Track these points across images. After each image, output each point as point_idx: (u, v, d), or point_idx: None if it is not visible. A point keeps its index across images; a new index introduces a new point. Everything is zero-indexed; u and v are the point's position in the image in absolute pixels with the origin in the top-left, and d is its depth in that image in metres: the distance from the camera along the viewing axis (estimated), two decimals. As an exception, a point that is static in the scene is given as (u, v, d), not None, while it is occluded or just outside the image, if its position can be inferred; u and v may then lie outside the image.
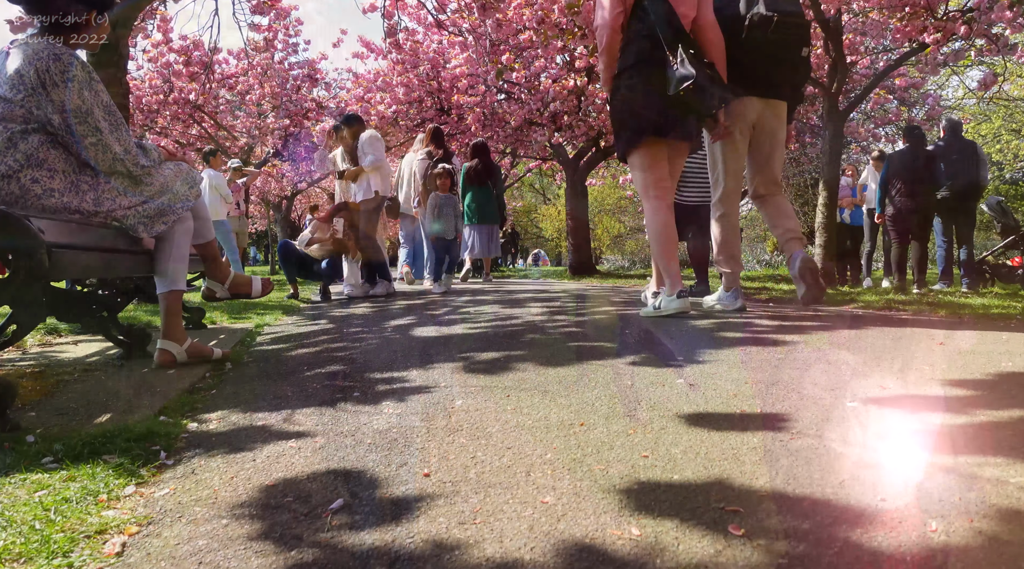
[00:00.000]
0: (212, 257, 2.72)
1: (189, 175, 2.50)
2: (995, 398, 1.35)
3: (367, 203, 6.03)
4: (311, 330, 3.36)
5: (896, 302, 4.27)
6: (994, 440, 1.09)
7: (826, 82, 7.14)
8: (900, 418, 1.22)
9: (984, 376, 1.56)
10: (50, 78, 2.08)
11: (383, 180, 6.05)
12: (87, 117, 2.13)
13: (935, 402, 1.32)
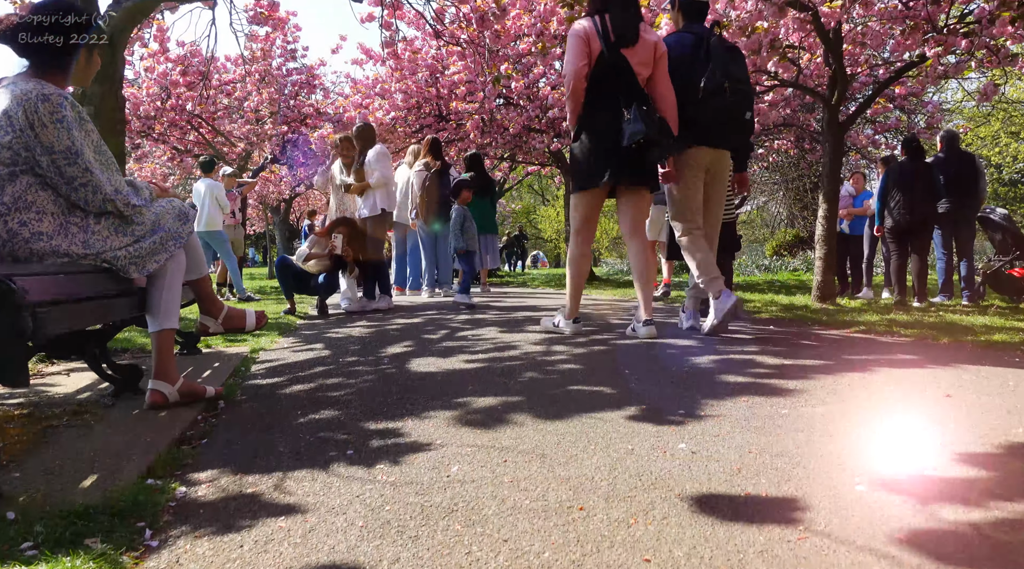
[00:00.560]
0: (205, 292, 2.67)
1: (182, 211, 2.46)
2: (1012, 483, 1.31)
3: (374, 221, 6.00)
4: (306, 358, 3.32)
5: (897, 324, 4.24)
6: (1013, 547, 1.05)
7: (826, 93, 7.10)
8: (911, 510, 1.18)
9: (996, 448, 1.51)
10: (39, 119, 2.04)
11: (389, 197, 6.03)
12: (77, 158, 2.09)
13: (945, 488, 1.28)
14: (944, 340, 3.46)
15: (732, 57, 3.63)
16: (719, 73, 3.43)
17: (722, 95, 3.44)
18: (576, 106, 3.53)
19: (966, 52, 5.93)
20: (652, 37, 3.47)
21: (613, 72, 3.39)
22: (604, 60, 3.39)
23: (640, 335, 3.42)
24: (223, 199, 8.28)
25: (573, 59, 3.43)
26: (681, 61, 3.56)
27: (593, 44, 3.41)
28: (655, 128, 3.24)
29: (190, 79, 9.28)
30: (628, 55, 3.40)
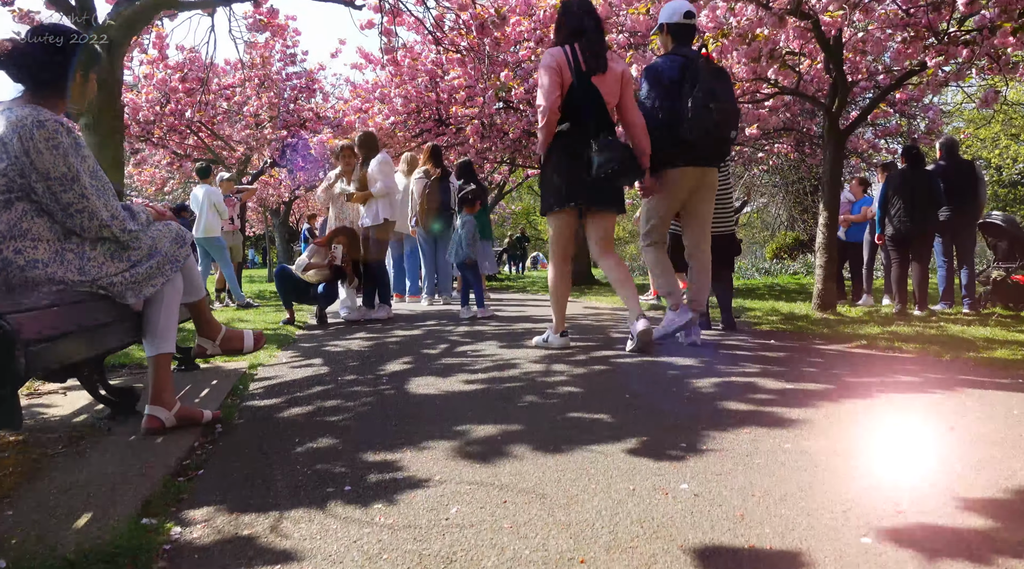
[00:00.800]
0: (203, 314, 2.65)
1: (178, 235, 2.44)
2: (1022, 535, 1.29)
3: (377, 230, 5.98)
4: (305, 376, 3.29)
5: (899, 337, 4.22)
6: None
7: (826, 101, 7.09)
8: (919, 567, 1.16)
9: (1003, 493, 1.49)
10: (34, 146, 2.02)
11: (392, 206, 6.01)
12: (73, 184, 2.07)
13: (954, 541, 1.26)
14: (946, 357, 3.44)
15: (718, 79, 3.72)
16: (705, 95, 3.56)
17: (708, 115, 3.55)
18: (549, 135, 3.64)
19: (967, 61, 5.92)
20: (619, 66, 3.62)
21: (584, 100, 3.53)
22: (575, 89, 3.52)
23: (638, 329, 3.50)
24: (221, 205, 8.26)
25: (547, 91, 3.53)
26: (670, 83, 3.70)
27: (565, 74, 3.52)
28: (621, 158, 3.40)
29: (189, 86, 9.25)
30: (598, 83, 3.54)
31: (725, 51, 6.34)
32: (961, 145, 18.88)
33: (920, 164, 6.90)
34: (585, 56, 3.50)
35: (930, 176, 6.79)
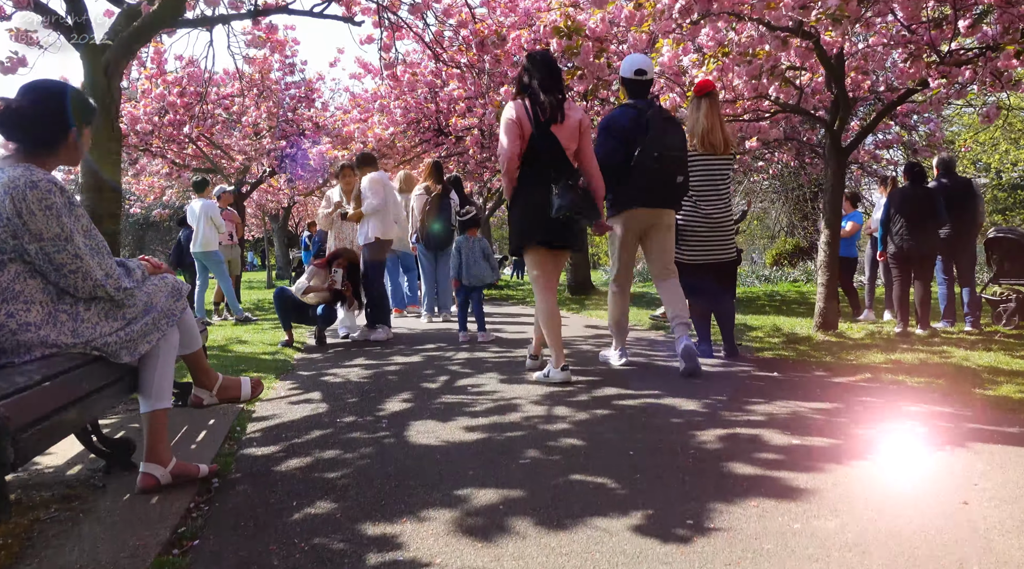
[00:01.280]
0: (200, 365, 2.61)
1: (175, 288, 2.40)
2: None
3: (370, 249, 5.95)
4: (303, 415, 3.25)
5: (902, 368, 4.19)
6: None
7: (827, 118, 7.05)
8: None
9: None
10: (27, 207, 1.98)
11: (383, 224, 5.96)
12: (66, 244, 2.03)
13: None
14: (952, 396, 3.41)
15: (668, 129, 4.12)
16: (655, 143, 3.96)
17: (658, 162, 3.95)
18: (511, 183, 3.94)
19: (970, 82, 5.89)
20: (576, 114, 3.88)
21: (544, 148, 3.78)
22: (535, 139, 3.77)
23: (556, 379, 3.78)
24: (218, 219, 8.22)
25: (507, 143, 3.81)
26: (624, 131, 4.06)
27: (524, 126, 3.77)
28: (579, 201, 3.69)
29: (187, 100, 9.21)
30: (556, 132, 3.78)
31: (727, 69, 6.30)
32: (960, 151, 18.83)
33: (922, 181, 6.87)
34: (544, 108, 3.75)
35: (932, 194, 6.76)
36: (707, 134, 4.57)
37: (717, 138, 4.59)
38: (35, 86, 2.13)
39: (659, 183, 4.07)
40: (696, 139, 4.62)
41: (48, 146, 2.13)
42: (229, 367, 4.66)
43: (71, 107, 2.15)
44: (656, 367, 4.36)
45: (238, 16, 6.28)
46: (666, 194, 4.18)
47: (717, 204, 4.67)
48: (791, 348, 5.20)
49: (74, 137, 2.17)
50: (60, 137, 2.14)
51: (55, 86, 2.16)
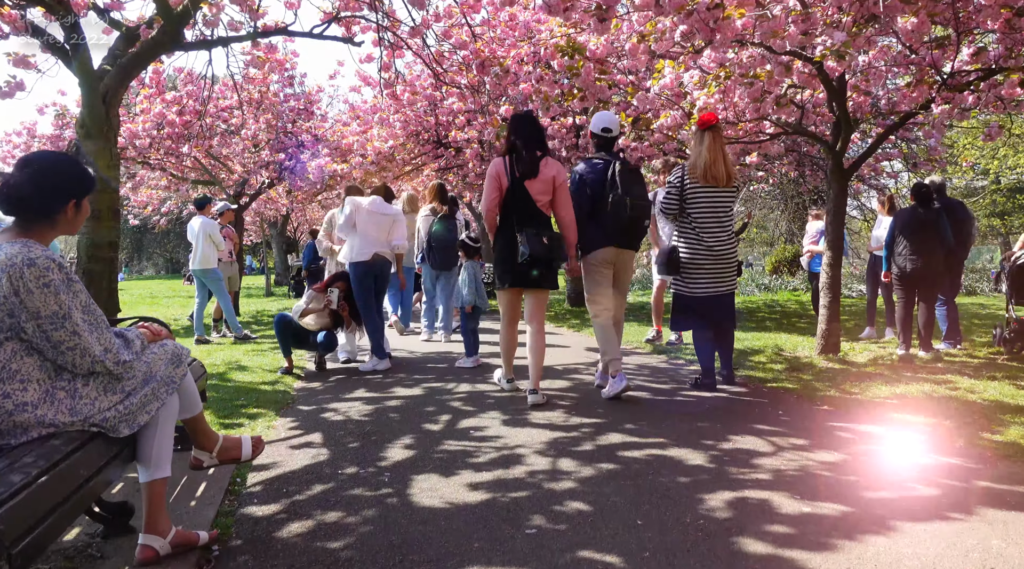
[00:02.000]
0: (200, 428, 2.57)
1: (175, 354, 2.36)
2: None
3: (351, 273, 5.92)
4: (304, 465, 3.21)
5: (907, 405, 4.16)
6: None
7: (830, 139, 7.02)
8: None
9: None
10: (24, 286, 1.94)
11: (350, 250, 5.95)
12: (64, 322, 1.99)
13: None
14: (960, 442, 3.38)
15: (632, 179, 4.59)
16: (621, 192, 4.45)
17: (624, 209, 4.45)
18: (491, 227, 4.56)
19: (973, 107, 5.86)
20: (550, 171, 4.41)
21: (516, 200, 4.37)
22: (511, 191, 4.38)
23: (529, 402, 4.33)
24: (216, 236, 8.19)
25: (487, 193, 4.47)
26: (593, 182, 4.55)
27: (503, 180, 4.40)
28: (541, 248, 4.23)
29: (187, 118, 9.17)
30: (528, 186, 4.35)
31: (728, 91, 6.28)
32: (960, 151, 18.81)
33: (929, 202, 6.85)
34: (519, 164, 4.34)
35: (939, 216, 6.74)
36: (710, 167, 4.57)
37: (720, 171, 4.59)
38: (33, 160, 2.09)
39: (628, 226, 4.56)
40: (699, 172, 4.61)
41: (47, 219, 2.10)
42: (228, 401, 4.62)
43: (70, 180, 2.11)
44: (659, 404, 4.32)
45: (238, 38, 6.25)
46: (632, 236, 4.69)
47: (720, 236, 4.65)
48: (794, 377, 5.17)
49: (73, 209, 2.13)
50: (59, 210, 2.10)
51: (54, 159, 2.13)
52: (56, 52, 5.57)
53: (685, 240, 4.72)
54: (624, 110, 7.73)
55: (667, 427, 3.66)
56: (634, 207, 4.50)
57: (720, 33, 4.75)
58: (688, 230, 4.72)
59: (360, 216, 5.79)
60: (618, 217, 4.48)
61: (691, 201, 4.67)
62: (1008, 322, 6.82)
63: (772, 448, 3.26)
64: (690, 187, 4.67)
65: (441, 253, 7.42)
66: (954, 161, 18.09)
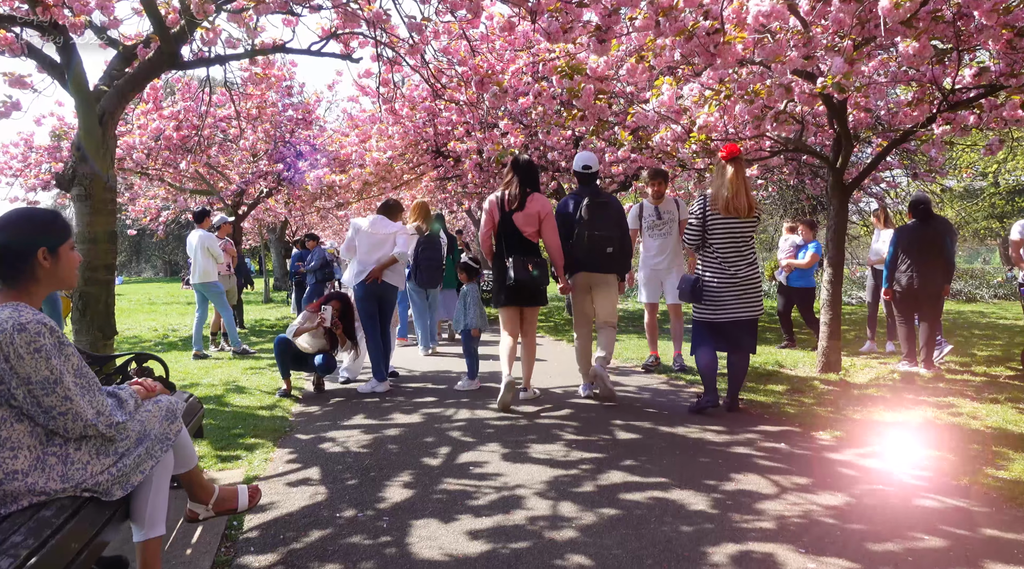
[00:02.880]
0: (196, 481, 2.53)
1: (170, 410, 2.32)
2: None
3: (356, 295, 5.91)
4: (302, 505, 3.17)
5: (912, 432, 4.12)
6: None
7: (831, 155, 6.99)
8: None
9: None
10: (14, 351, 1.90)
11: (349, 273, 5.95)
12: (55, 387, 1.96)
13: None
14: (964, 481, 3.35)
15: (599, 212, 5.14)
16: (585, 226, 5.07)
17: (590, 241, 5.07)
18: (488, 254, 5.33)
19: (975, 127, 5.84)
20: (535, 205, 5.06)
21: (505, 231, 5.10)
22: (501, 223, 5.11)
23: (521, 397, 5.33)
24: (215, 249, 8.15)
25: (483, 226, 5.29)
26: (567, 217, 5.23)
27: (495, 214, 5.15)
28: (525, 273, 4.93)
29: (184, 133, 9.12)
30: (516, 219, 5.04)
31: (728, 110, 6.24)
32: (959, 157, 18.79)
33: (928, 218, 6.83)
34: (509, 200, 5.06)
35: (939, 233, 6.72)
36: (731, 200, 4.63)
37: (741, 203, 4.64)
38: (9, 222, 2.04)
39: (594, 254, 5.15)
40: (720, 204, 4.65)
41: (24, 274, 2.04)
42: (225, 429, 4.58)
43: (33, 230, 2.05)
44: (659, 434, 4.29)
45: (235, 56, 6.20)
46: (601, 261, 5.20)
47: (741, 264, 4.71)
48: (795, 401, 5.14)
49: (47, 258, 2.07)
50: (30, 261, 2.04)
51: (18, 213, 2.07)
52: (52, 72, 5.52)
53: (709, 268, 4.76)
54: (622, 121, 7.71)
55: (668, 464, 3.62)
56: (592, 238, 5.09)
57: (720, 57, 4.71)
58: (711, 259, 4.75)
59: (360, 238, 5.77)
60: (586, 248, 5.12)
61: (712, 232, 4.71)
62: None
63: (775, 489, 3.22)
64: (711, 218, 4.69)
65: (426, 272, 7.61)
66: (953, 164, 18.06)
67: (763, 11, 4.07)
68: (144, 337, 10.72)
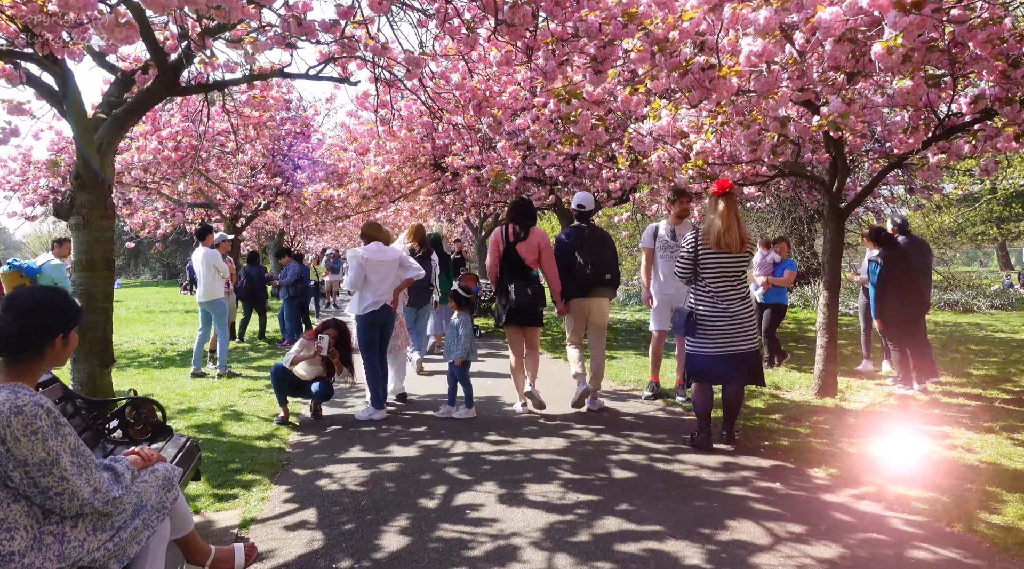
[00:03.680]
0: (192, 545, 2.56)
1: (166, 478, 2.34)
2: None
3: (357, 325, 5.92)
4: (299, 553, 3.19)
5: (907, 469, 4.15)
6: None
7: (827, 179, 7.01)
8: None
9: None
10: (11, 434, 1.92)
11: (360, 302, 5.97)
12: (52, 467, 1.97)
13: None
14: (957, 527, 3.37)
15: (597, 244, 5.97)
16: (588, 256, 5.89)
17: (590, 268, 5.86)
18: (493, 281, 6.00)
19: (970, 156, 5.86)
20: (536, 237, 5.82)
21: (508, 260, 5.82)
22: (505, 253, 5.84)
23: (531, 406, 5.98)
24: (220, 265, 8.16)
25: (489, 256, 6.04)
26: (567, 246, 5.97)
27: (500, 245, 5.89)
28: (526, 298, 5.71)
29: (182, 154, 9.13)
30: (518, 248, 5.80)
31: (726, 135, 6.27)
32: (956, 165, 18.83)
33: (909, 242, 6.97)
34: (513, 232, 5.84)
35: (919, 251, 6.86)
36: (723, 235, 4.62)
37: (733, 238, 4.63)
38: (16, 300, 2.07)
39: (592, 281, 5.90)
40: (712, 239, 4.64)
41: (33, 355, 2.08)
42: (223, 463, 4.59)
43: (54, 317, 2.09)
44: (656, 473, 4.30)
45: (234, 82, 6.22)
46: (598, 287, 5.94)
47: (734, 298, 4.69)
48: (790, 431, 5.16)
49: (61, 342, 2.11)
50: (46, 346, 2.09)
51: (37, 297, 2.11)
52: (51, 100, 5.54)
53: (702, 302, 4.75)
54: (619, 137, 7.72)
55: (664, 510, 3.63)
56: (592, 265, 5.88)
57: (716, 92, 4.73)
58: (703, 293, 4.76)
59: (370, 269, 5.82)
60: (586, 275, 5.88)
61: (704, 266, 4.71)
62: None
63: (770, 539, 3.24)
64: (703, 252, 4.69)
65: (416, 293, 7.75)
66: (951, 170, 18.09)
67: (755, 51, 4.08)
68: (142, 352, 10.72)
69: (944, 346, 10.10)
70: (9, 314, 2.03)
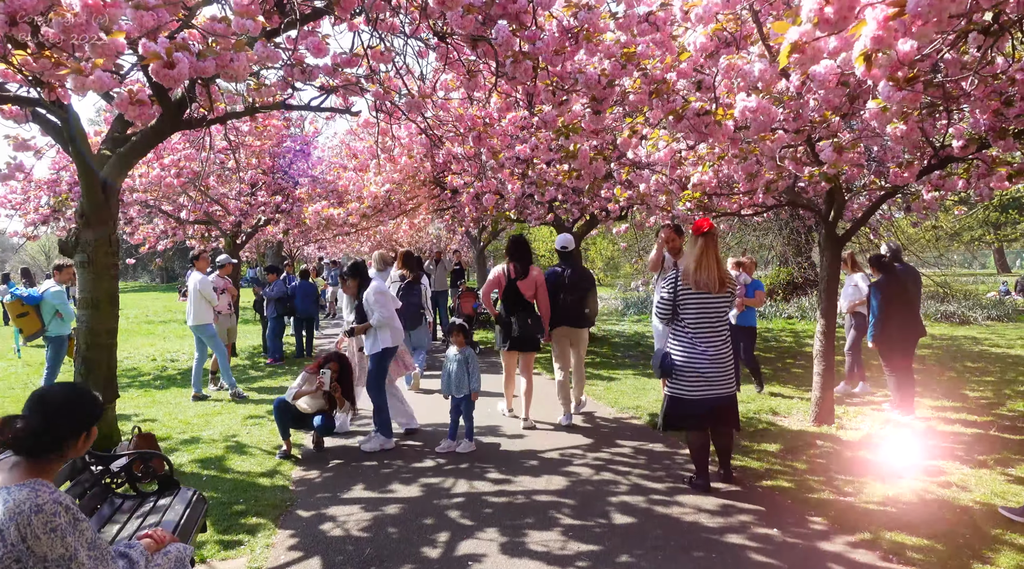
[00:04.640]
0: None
1: (179, 560, 2.41)
2: None
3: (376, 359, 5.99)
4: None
5: (901, 512, 4.21)
6: None
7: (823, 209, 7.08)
8: None
9: None
10: (31, 532, 1.98)
11: (394, 333, 6.01)
12: (71, 563, 2.04)
13: None
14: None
15: (580, 281, 6.79)
16: (570, 291, 6.73)
17: (571, 302, 6.73)
18: (490, 308, 7.00)
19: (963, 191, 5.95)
20: (535, 274, 6.67)
21: (510, 294, 6.64)
22: (507, 287, 6.64)
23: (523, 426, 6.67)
24: (209, 294, 8.27)
25: (485, 289, 6.97)
26: (553, 283, 6.75)
27: (502, 281, 6.70)
28: (526, 327, 6.53)
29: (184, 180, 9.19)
30: (520, 285, 6.60)
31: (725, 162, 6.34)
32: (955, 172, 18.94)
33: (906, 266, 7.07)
34: (514, 269, 6.63)
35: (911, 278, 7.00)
36: (702, 274, 4.59)
37: (712, 279, 4.57)
38: (44, 400, 2.14)
39: (573, 313, 6.76)
40: (691, 278, 4.62)
41: (54, 452, 2.15)
42: (227, 505, 4.65)
43: (81, 417, 2.17)
44: (655, 518, 4.36)
45: (237, 114, 6.27)
46: (579, 318, 6.80)
47: (714, 341, 4.62)
48: (788, 467, 5.23)
49: (83, 439, 2.19)
50: (71, 443, 2.16)
51: (64, 397, 2.17)
52: (57, 137, 5.61)
53: (679, 344, 4.72)
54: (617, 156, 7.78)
55: (664, 562, 3.70)
56: (573, 302, 6.73)
57: (712, 136, 4.80)
58: (681, 334, 4.73)
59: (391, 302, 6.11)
60: (568, 307, 6.74)
61: (684, 307, 4.67)
62: None
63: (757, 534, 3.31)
64: (682, 292, 4.68)
65: (407, 317, 7.99)
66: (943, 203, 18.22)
67: (749, 107, 4.15)
68: (143, 370, 10.77)
69: (941, 363, 10.17)
70: (38, 415, 2.10)
